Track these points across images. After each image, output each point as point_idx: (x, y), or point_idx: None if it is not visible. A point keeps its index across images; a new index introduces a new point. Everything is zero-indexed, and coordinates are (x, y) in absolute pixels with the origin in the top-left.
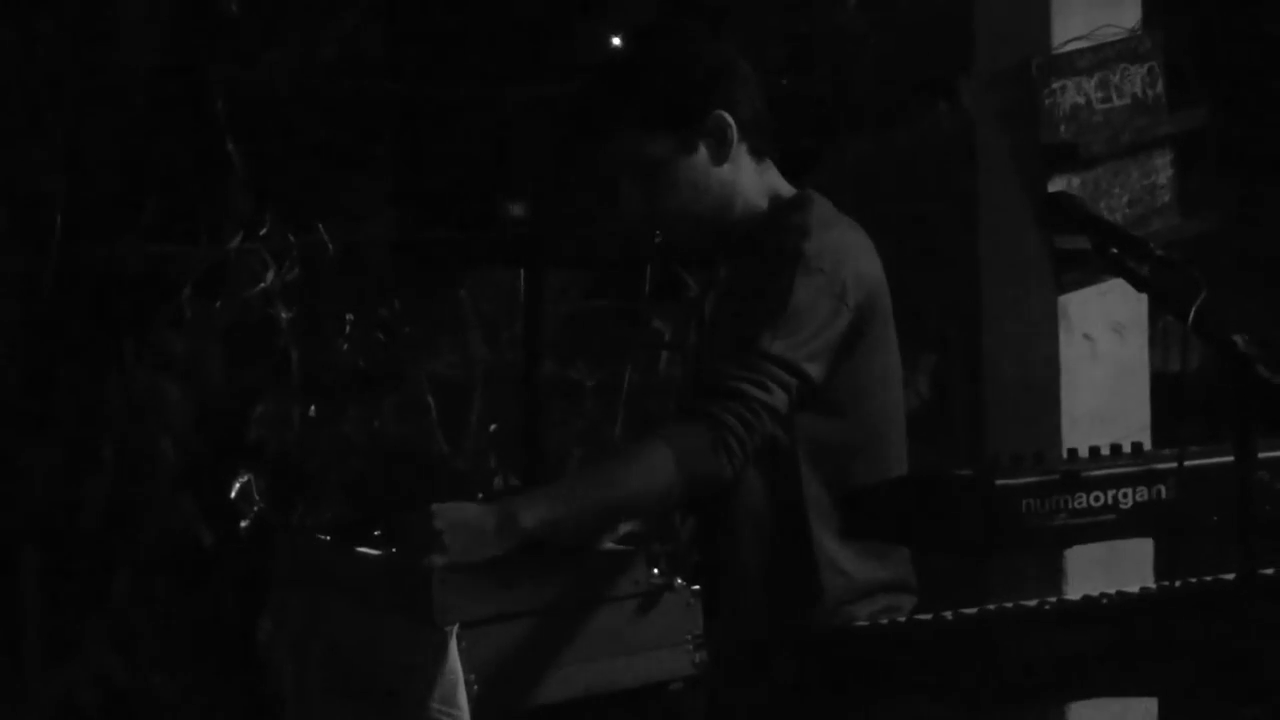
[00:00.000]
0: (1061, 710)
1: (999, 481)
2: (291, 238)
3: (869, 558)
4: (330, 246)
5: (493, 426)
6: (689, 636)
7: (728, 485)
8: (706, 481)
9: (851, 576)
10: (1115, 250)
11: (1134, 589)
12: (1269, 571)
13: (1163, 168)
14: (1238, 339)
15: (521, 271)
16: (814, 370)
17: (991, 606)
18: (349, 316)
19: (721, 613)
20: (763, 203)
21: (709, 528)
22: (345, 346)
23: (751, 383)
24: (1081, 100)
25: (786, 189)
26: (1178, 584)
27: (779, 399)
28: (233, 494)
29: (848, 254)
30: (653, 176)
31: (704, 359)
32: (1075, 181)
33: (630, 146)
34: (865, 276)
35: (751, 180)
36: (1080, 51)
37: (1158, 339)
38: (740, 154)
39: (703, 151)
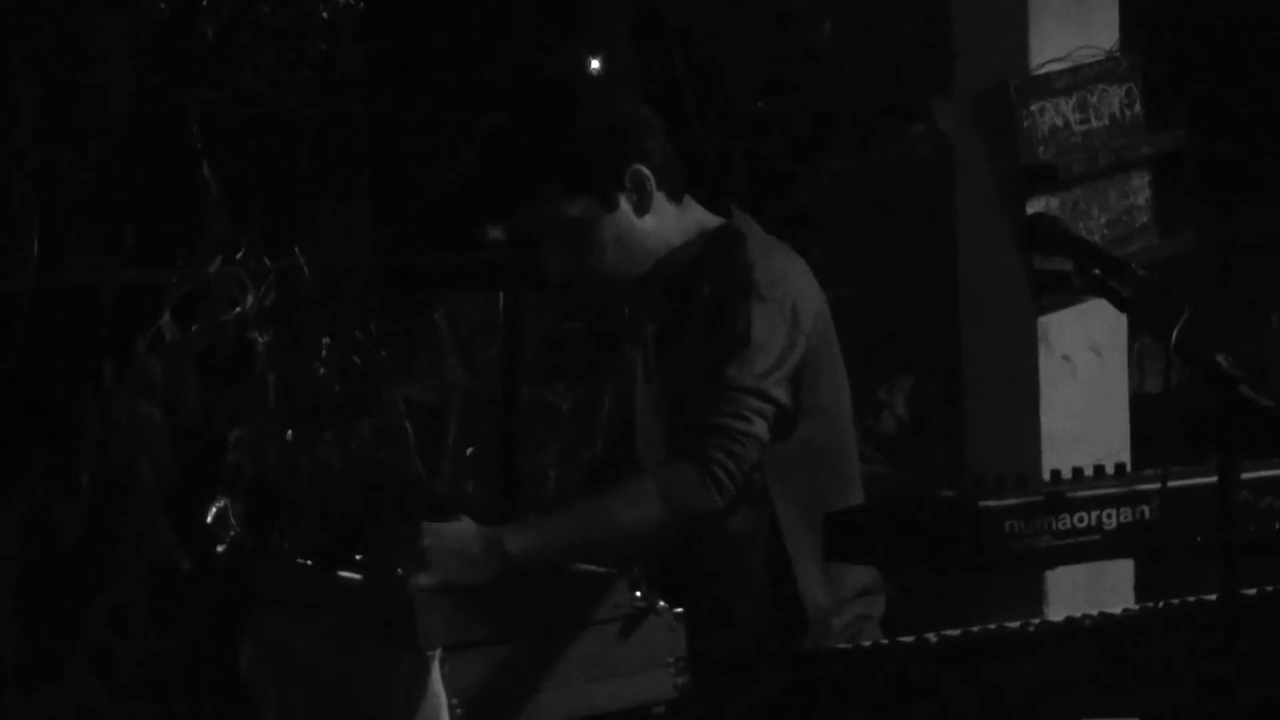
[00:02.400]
0: None
1: (982, 503)
2: (268, 262)
3: (842, 565)
4: (307, 270)
5: (469, 450)
6: (671, 660)
7: (717, 516)
8: (697, 516)
9: (829, 587)
10: (1097, 271)
11: (1116, 610)
12: (1251, 592)
13: (1141, 189)
14: (1221, 359)
15: (500, 294)
16: (782, 395)
17: (974, 628)
18: (326, 340)
19: (704, 634)
20: (689, 239)
21: (686, 553)
22: (322, 370)
23: (730, 415)
24: (1060, 121)
25: (711, 220)
26: (1160, 605)
27: (759, 427)
28: (210, 518)
29: (791, 281)
30: (576, 238)
31: (668, 399)
32: (1054, 202)
33: (551, 210)
34: (811, 299)
35: (674, 223)
36: (1058, 73)
37: (1134, 360)
38: (660, 202)
39: (624, 207)
